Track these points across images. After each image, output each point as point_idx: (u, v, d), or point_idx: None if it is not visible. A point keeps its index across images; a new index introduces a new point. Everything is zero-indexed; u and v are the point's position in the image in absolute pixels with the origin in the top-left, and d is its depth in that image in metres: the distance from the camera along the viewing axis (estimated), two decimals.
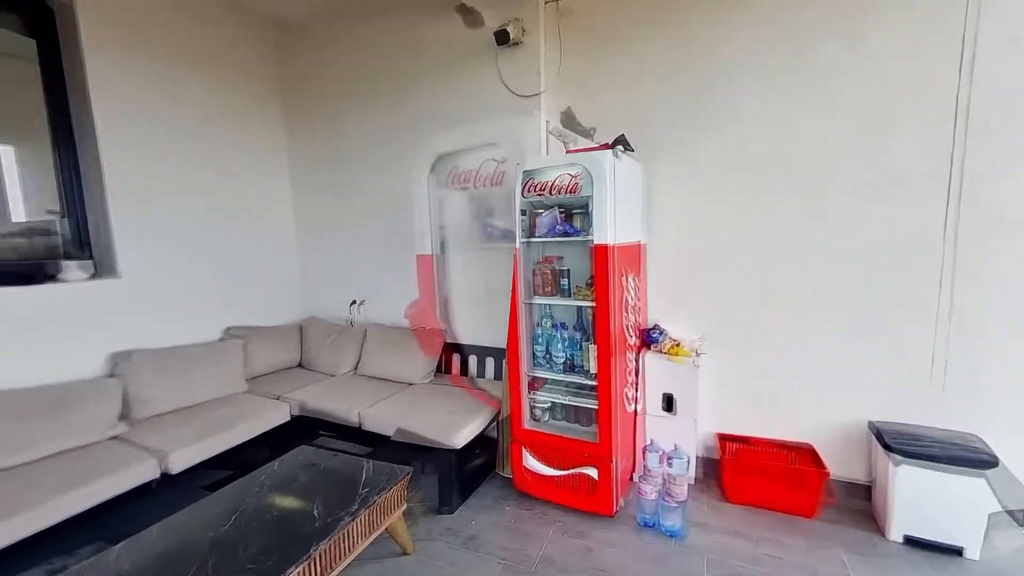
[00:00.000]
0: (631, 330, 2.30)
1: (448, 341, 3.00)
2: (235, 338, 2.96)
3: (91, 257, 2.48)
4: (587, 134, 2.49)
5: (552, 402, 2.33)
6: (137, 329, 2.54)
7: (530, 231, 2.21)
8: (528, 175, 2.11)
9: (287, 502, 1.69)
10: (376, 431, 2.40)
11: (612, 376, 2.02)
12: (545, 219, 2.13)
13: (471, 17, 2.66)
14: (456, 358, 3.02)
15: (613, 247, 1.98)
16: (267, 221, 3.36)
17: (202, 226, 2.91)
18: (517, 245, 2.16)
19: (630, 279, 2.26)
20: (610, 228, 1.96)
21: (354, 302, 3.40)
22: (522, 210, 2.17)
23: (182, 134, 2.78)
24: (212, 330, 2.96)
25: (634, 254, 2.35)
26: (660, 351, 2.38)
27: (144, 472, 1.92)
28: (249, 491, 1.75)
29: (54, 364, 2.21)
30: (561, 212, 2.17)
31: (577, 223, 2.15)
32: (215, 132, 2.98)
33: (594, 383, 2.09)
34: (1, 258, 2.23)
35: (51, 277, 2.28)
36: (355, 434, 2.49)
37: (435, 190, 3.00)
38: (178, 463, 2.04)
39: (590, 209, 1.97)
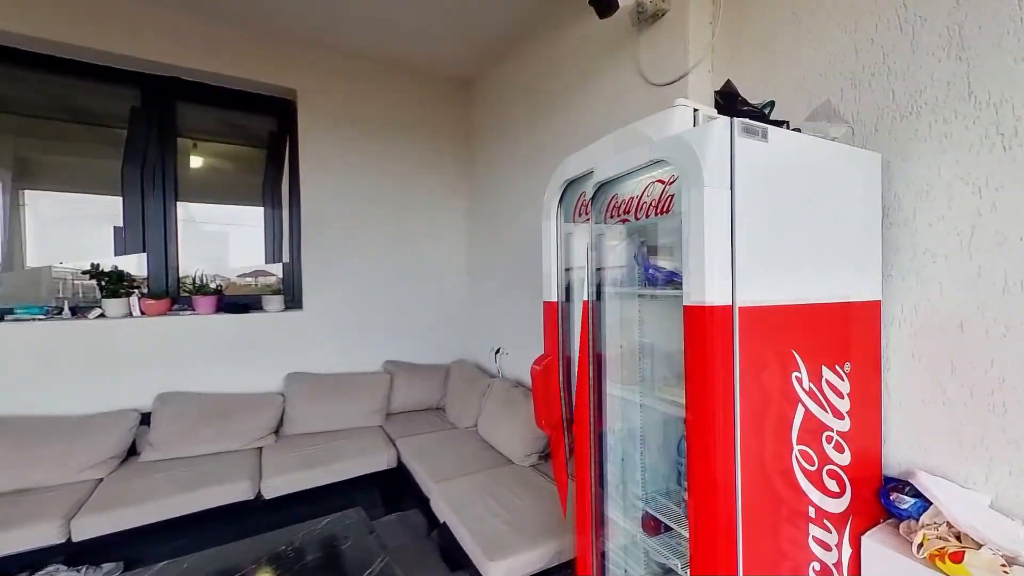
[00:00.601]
0: (826, 479, 1.13)
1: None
2: (387, 372, 3.15)
3: (287, 293, 3.09)
4: (761, 115, 1.49)
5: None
6: (312, 355, 2.99)
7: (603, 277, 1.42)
8: (601, 190, 1.36)
9: None
10: (436, 513, 1.99)
11: None
12: (617, 253, 1.32)
13: (604, 2, 2.09)
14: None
15: (737, 309, 1.00)
16: (438, 261, 3.53)
17: (377, 266, 3.26)
18: (554, 298, 1.43)
19: (827, 373, 1.13)
20: (720, 272, 1.00)
21: (497, 350, 3.14)
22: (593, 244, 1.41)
23: (367, 189, 3.22)
24: (374, 362, 3.23)
25: (841, 323, 1.18)
26: (912, 542, 1.07)
27: (240, 491, 2.10)
28: (275, 546, 1.64)
29: (250, 376, 2.79)
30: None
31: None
32: (398, 184, 3.34)
33: None
34: (237, 293, 3.02)
35: (259, 308, 2.93)
36: (425, 507, 2.14)
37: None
38: (270, 490, 2.17)
39: (686, 236, 1.07)
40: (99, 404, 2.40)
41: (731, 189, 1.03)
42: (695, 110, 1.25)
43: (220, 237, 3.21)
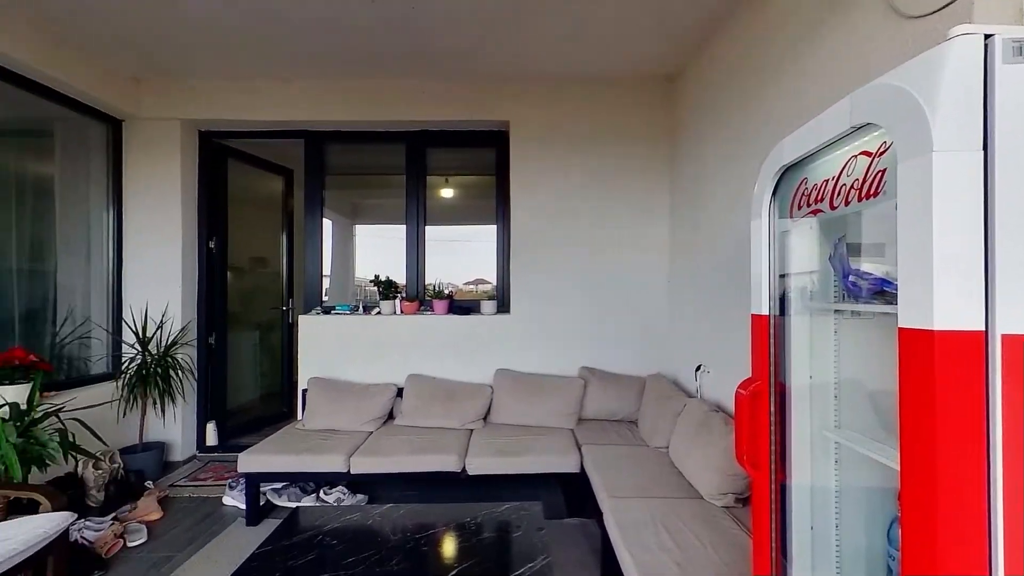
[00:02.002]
0: None
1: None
2: (581, 378, 3.22)
3: (499, 298, 3.52)
4: None
5: None
6: (516, 354, 3.34)
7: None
8: (786, 176, 1.07)
9: (448, 550, 1.73)
10: (607, 529, 1.91)
11: None
12: (805, 255, 1.00)
13: None
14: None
15: (997, 340, 0.63)
16: (638, 269, 3.41)
17: (576, 275, 3.38)
18: (765, 311, 1.12)
19: None
20: (961, 282, 0.65)
21: (699, 367, 2.80)
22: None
23: (568, 202, 3.39)
24: (571, 366, 3.36)
25: None
26: None
27: (450, 463, 2.52)
28: (463, 516, 1.93)
29: (468, 368, 3.32)
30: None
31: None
32: (598, 195, 3.39)
33: None
34: (463, 297, 3.64)
35: (478, 311, 3.45)
36: (603, 519, 2.07)
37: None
38: (472, 467, 2.52)
39: (904, 228, 0.75)
40: (375, 377, 3.30)
41: (985, 151, 0.66)
42: (987, 37, 0.72)
43: (454, 251, 3.94)
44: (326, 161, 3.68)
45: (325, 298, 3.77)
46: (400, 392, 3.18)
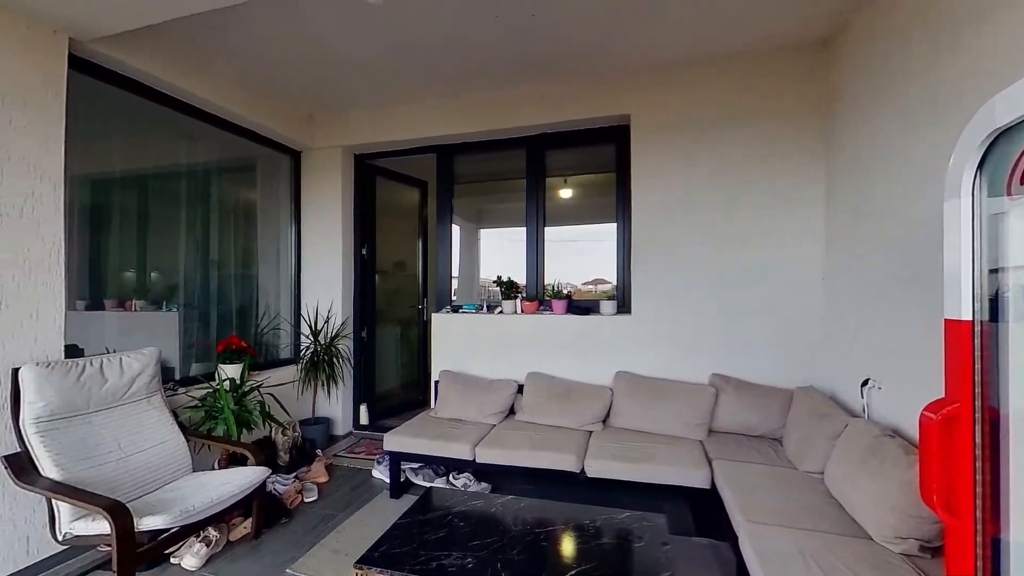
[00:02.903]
0: None
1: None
2: (712, 386, 2.95)
3: (619, 298, 3.40)
4: None
5: None
6: (637, 357, 3.20)
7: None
8: (998, 144, 0.84)
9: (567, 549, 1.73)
10: (744, 557, 1.70)
11: None
12: None
13: None
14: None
15: None
16: (782, 265, 2.99)
17: (706, 272, 3.11)
18: (965, 316, 0.88)
19: None
20: None
21: (865, 381, 2.35)
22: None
23: (695, 193, 3.13)
24: (700, 373, 3.09)
25: None
26: None
27: (568, 463, 2.52)
28: (581, 517, 1.92)
29: (586, 369, 3.28)
30: None
31: None
32: (730, 183, 3.07)
33: None
34: (582, 297, 3.60)
35: (597, 311, 3.39)
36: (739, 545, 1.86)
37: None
38: (590, 469, 2.48)
39: None
40: (498, 372, 3.47)
41: None
42: None
43: (573, 251, 3.93)
44: (454, 171, 3.99)
45: (454, 298, 4.09)
46: (520, 388, 3.29)
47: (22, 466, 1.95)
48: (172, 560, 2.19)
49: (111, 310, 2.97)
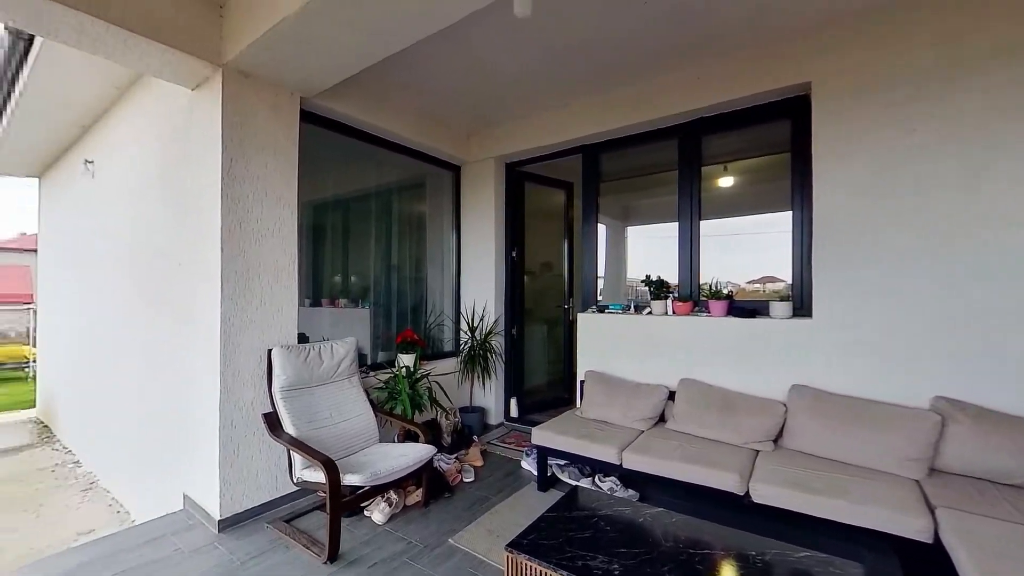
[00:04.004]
0: None
1: None
2: (935, 412, 2.30)
3: (795, 299, 2.89)
4: None
5: None
6: (818, 369, 2.68)
7: None
8: None
9: None
10: None
11: None
12: None
13: None
14: None
15: None
16: None
17: (923, 263, 2.45)
18: None
19: None
20: None
21: None
22: None
23: (905, 162, 2.49)
24: (914, 394, 2.44)
25: None
26: None
27: (729, 482, 2.25)
28: (746, 546, 1.71)
29: (751, 379, 2.89)
30: None
31: None
32: (966, 143, 2.36)
33: None
34: (746, 298, 3.17)
35: (765, 313, 2.95)
36: None
37: None
38: (759, 494, 2.17)
39: None
40: (645, 376, 3.30)
41: None
42: None
43: (733, 246, 3.50)
44: (600, 170, 3.95)
45: (599, 298, 4.04)
46: (671, 395, 3.07)
47: (273, 423, 2.61)
48: (365, 513, 2.66)
49: (325, 307, 3.76)
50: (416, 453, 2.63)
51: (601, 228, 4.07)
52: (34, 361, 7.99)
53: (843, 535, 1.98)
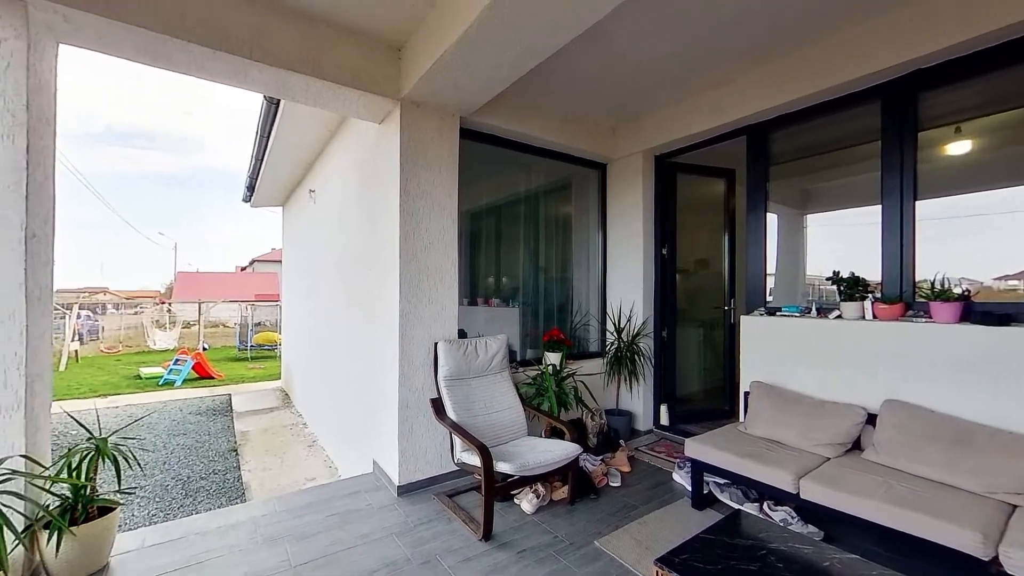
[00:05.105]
0: None
1: None
2: None
3: None
4: None
5: None
6: None
7: None
8: None
9: None
10: None
11: None
12: None
13: None
14: None
15: None
16: None
17: None
18: None
19: None
20: None
21: None
22: None
23: None
24: None
25: None
26: None
27: (963, 540, 1.72)
28: None
29: (998, 407, 2.15)
30: None
31: None
32: None
33: None
34: (992, 299, 2.36)
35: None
36: None
37: None
38: (1015, 564, 1.61)
39: None
40: (831, 393, 2.75)
41: None
42: None
43: (968, 232, 2.66)
44: (770, 151, 3.44)
45: (769, 298, 3.51)
46: (871, 418, 2.50)
47: (438, 408, 2.96)
48: (515, 501, 2.82)
49: (480, 306, 4.10)
50: (563, 449, 2.67)
51: (771, 218, 3.54)
52: (280, 344, 10.71)
53: None
